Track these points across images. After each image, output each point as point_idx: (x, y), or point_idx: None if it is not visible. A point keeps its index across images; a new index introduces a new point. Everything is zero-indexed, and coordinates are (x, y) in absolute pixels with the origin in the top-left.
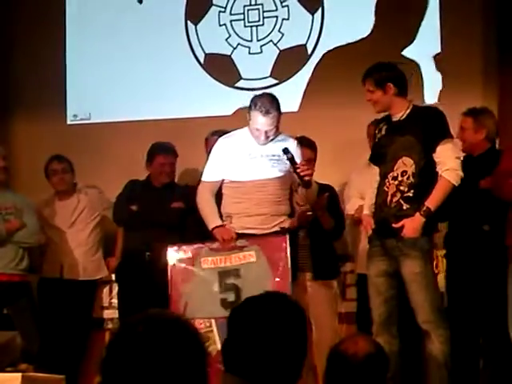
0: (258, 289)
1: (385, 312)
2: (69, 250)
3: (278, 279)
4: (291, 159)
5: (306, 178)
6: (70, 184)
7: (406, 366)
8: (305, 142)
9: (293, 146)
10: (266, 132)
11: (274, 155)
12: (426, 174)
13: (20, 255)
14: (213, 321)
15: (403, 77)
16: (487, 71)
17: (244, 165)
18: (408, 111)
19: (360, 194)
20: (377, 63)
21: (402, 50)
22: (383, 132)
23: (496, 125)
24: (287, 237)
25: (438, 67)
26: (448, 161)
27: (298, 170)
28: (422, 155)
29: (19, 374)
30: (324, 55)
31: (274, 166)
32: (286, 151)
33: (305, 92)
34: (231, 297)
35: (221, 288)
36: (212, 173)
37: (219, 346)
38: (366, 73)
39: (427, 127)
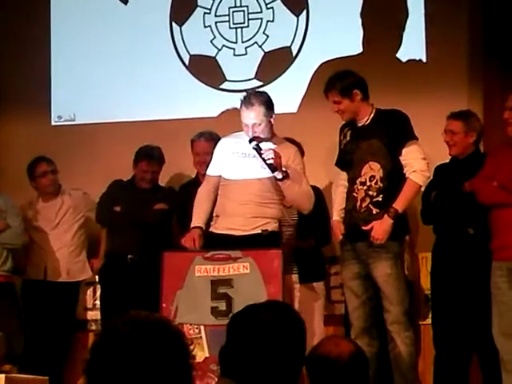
0: (250, 300)
1: (363, 314)
2: (52, 252)
3: (270, 292)
4: (256, 147)
5: (269, 162)
6: (57, 185)
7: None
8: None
9: (291, 151)
10: (252, 126)
11: None
12: (394, 178)
13: (4, 256)
14: (202, 327)
15: (364, 81)
16: (473, 75)
17: (235, 163)
18: (372, 115)
19: None
20: (335, 73)
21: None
22: (348, 137)
23: (481, 128)
24: (281, 251)
25: (424, 71)
26: (414, 162)
27: (263, 156)
28: (388, 159)
29: (3, 375)
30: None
31: (263, 167)
32: (250, 141)
33: (305, 95)
34: (222, 306)
35: (212, 296)
36: (213, 167)
37: (207, 353)
38: (327, 85)
39: (391, 130)
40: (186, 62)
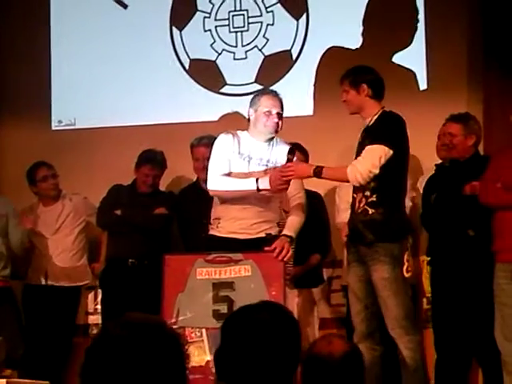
0: (251, 302)
1: (365, 318)
2: (53, 257)
3: (271, 295)
4: (291, 155)
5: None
6: (58, 190)
7: (389, 373)
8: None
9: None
10: (277, 114)
11: (268, 160)
12: (386, 178)
13: (4, 262)
14: (203, 331)
15: (379, 81)
16: (472, 78)
17: (234, 166)
18: (376, 117)
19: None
20: (356, 65)
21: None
22: (360, 139)
23: (481, 130)
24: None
25: (423, 73)
26: (361, 159)
27: (284, 166)
28: None
29: (3, 380)
30: (324, 55)
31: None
32: (291, 151)
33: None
34: (224, 308)
35: (214, 299)
36: (221, 166)
37: (209, 356)
38: (344, 74)
39: (377, 131)
40: (187, 66)
